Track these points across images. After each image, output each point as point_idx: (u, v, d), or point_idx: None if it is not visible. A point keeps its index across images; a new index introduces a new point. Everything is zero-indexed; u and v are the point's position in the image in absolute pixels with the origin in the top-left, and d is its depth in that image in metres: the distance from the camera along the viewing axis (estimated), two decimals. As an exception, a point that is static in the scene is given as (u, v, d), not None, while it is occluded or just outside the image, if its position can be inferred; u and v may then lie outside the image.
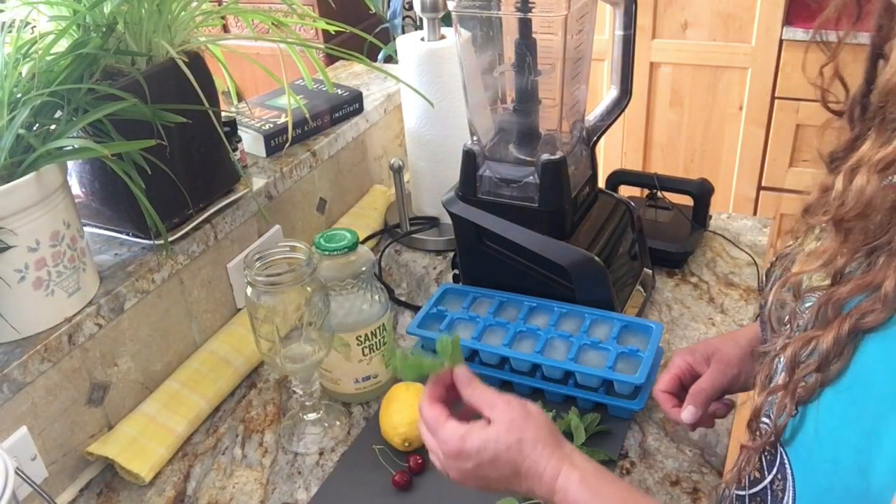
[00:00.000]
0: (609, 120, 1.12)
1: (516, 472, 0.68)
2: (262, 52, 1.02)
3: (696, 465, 0.90)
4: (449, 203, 1.09)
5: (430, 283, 1.28)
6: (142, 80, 0.88)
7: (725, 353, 0.84)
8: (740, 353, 0.83)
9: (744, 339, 0.85)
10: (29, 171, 0.82)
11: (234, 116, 1.23)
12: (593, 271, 1.03)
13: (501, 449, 0.68)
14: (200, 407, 1.01)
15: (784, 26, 2.20)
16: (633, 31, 1.05)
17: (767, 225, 1.36)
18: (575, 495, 0.65)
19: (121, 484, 0.94)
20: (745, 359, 0.83)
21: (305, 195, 1.32)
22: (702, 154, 2.50)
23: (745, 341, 0.84)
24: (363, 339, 0.98)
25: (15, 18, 0.89)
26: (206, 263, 1.10)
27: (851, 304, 0.51)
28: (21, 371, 0.83)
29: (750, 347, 0.83)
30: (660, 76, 2.44)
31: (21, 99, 0.83)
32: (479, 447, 0.68)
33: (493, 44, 1.03)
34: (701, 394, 0.82)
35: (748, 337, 0.85)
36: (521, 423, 0.69)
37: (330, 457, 0.96)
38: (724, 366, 0.83)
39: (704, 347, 0.86)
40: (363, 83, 1.57)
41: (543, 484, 0.67)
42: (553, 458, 0.67)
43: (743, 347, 0.84)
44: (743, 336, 0.86)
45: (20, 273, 0.84)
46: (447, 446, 0.70)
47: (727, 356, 0.84)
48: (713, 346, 0.85)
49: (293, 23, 1.26)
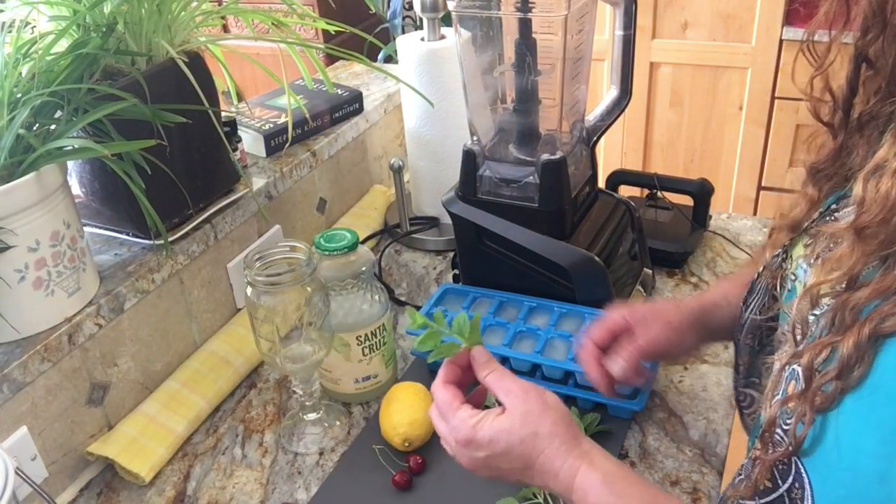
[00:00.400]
0: (609, 120, 1.12)
1: (529, 466, 0.65)
2: (262, 52, 1.02)
3: (696, 465, 0.90)
4: (449, 203, 1.09)
5: (430, 283, 1.28)
6: (142, 80, 0.88)
7: (667, 316, 0.81)
8: (682, 321, 0.81)
9: (687, 309, 0.82)
10: (29, 171, 0.82)
11: (234, 116, 1.23)
12: (593, 271, 1.03)
13: (515, 441, 0.65)
14: (200, 407, 1.01)
15: (784, 26, 2.20)
16: (633, 31, 1.05)
17: (767, 225, 1.36)
18: (596, 497, 0.62)
19: (121, 484, 0.94)
20: (686, 327, 0.80)
21: (305, 195, 1.32)
22: (702, 154, 2.51)
23: (689, 311, 0.82)
24: (363, 339, 0.98)
25: (15, 18, 0.89)
26: (206, 263, 1.10)
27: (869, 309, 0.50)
28: (21, 371, 0.83)
29: (693, 318, 0.80)
30: (660, 76, 2.44)
31: (21, 99, 0.83)
32: (490, 438, 0.65)
33: (493, 44, 1.03)
34: (637, 351, 0.79)
35: (692, 308, 0.82)
36: (537, 415, 0.66)
37: (330, 457, 0.96)
38: (666, 328, 0.80)
39: (645, 308, 0.82)
40: (363, 83, 1.57)
41: (559, 482, 0.64)
42: (570, 456, 0.64)
43: (686, 316, 0.81)
44: (687, 306, 0.83)
45: (20, 273, 0.84)
46: (458, 433, 0.67)
47: (669, 320, 0.81)
48: (656, 308, 0.82)
49: (293, 23, 1.26)
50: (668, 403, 0.99)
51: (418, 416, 0.92)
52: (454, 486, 0.89)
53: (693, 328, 0.82)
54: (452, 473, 0.90)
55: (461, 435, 0.67)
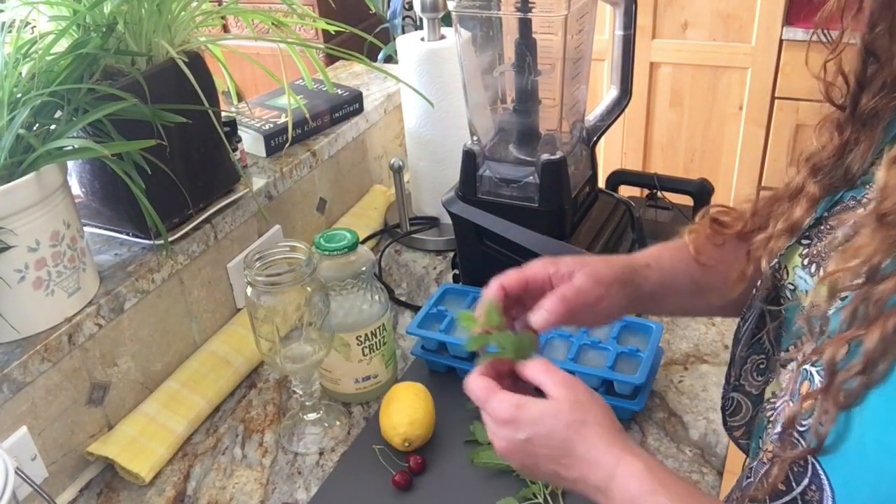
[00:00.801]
0: (609, 120, 1.12)
1: (569, 454, 0.63)
2: (262, 52, 1.02)
3: (696, 465, 0.90)
4: (449, 203, 1.09)
5: (430, 283, 1.28)
6: (142, 80, 0.88)
7: (596, 269, 0.75)
8: (611, 275, 0.75)
9: (617, 263, 0.77)
10: (29, 171, 0.82)
11: (234, 116, 1.23)
12: (593, 271, 1.03)
13: (560, 426, 0.62)
14: (200, 407, 1.01)
15: (784, 26, 2.20)
16: (633, 31, 1.05)
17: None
18: (639, 483, 0.60)
19: (121, 484, 0.94)
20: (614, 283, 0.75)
21: (305, 195, 1.32)
22: (702, 154, 2.50)
23: (619, 266, 0.77)
24: (363, 339, 0.98)
25: (15, 18, 0.89)
26: (206, 263, 1.10)
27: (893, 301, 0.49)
28: (21, 371, 0.83)
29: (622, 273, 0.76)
30: (660, 76, 2.44)
31: (21, 99, 0.83)
32: (535, 418, 0.63)
33: (493, 44, 1.03)
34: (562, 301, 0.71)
35: (622, 263, 0.77)
36: (585, 404, 0.64)
37: (330, 457, 0.96)
38: (593, 281, 0.73)
39: (573, 261, 0.75)
40: (363, 83, 1.57)
41: (600, 470, 0.62)
42: (615, 447, 0.62)
43: (615, 270, 0.76)
44: (617, 261, 0.78)
45: (20, 273, 0.84)
46: (498, 412, 0.64)
47: (597, 273, 0.74)
48: (584, 261, 0.76)
49: (293, 23, 1.26)
50: (668, 403, 0.99)
51: (418, 416, 0.92)
52: (454, 486, 0.89)
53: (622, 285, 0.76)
54: (452, 473, 0.90)
55: (501, 413, 0.64)
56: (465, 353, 1.02)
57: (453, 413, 0.97)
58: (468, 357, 1.03)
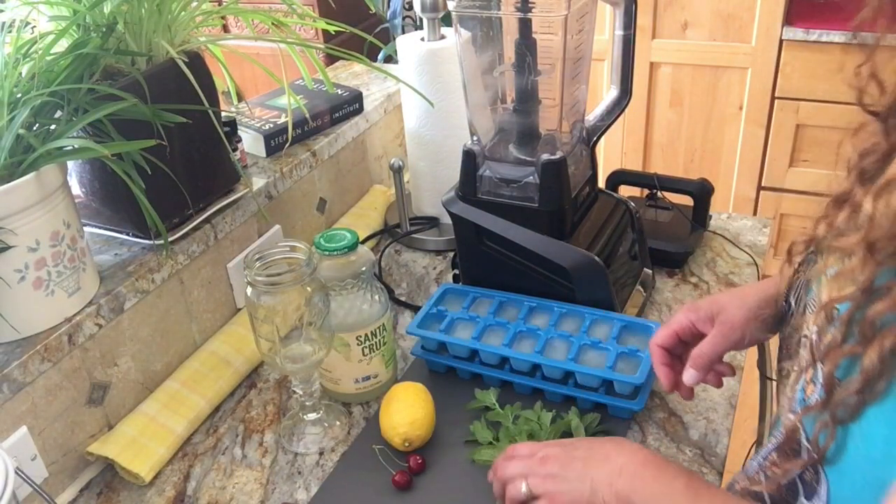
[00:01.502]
0: (609, 120, 1.12)
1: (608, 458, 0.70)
2: (262, 52, 1.02)
3: (696, 465, 0.90)
4: (449, 203, 1.09)
5: (430, 283, 1.28)
6: (142, 80, 0.88)
7: (730, 314, 0.81)
8: (746, 315, 0.80)
9: (752, 298, 0.82)
10: (29, 171, 0.82)
11: (234, 116, 1.23)
12: (593, 271, 1.03)
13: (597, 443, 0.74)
14: (200, 407, 1.01)
15: (784, 26, 2.20)
16: (633, 31, 1.05)
17: (767, 225, 1.36)
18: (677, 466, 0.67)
19: (121, 484, 0.94)
20: (750, 321, 0.80)
21: (305, 195, 1.32)
22: (702, 154, 2.51)
23: (754, 301, 0.81)
24: (363, 339, 0.98)
25: (15, 18, 0.89)
26: (206, 263, 1.10)
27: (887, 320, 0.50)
28: (21, 371, 0.83)
29: (757, 309, 0.80)
30: (660, 76, 2.44)
31: (21, 99, 0.83)
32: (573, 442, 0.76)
33: (493, 44, 1.03)
34: (702, 357, 0.80)
35: (757, 297, 0.82)
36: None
37: (330, 457, 0.96)
38: (728, 329, 0.80)
39: (710, 306, 0.82)
40: (363, 83, 1.57)
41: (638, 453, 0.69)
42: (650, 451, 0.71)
43: (750, 308, 0.81)
44: (751, 295, 0.82)
45: (20, 273, 0.84)
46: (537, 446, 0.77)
47: (732, 318, 0.81)
48: (719, 305, 0.82)
49: (293, 23, 1.26)
50: (668, 403, 0.99)
51: (418, 416, 0.92)
52: (454, 486, 0.89)
53: (760, 322, 0.81)
54: (452, 473, 0.90)
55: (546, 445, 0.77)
56: (465, 353, 1.03)
57: (453, 413, 0.97)
58: (468, 357, 1.03)
